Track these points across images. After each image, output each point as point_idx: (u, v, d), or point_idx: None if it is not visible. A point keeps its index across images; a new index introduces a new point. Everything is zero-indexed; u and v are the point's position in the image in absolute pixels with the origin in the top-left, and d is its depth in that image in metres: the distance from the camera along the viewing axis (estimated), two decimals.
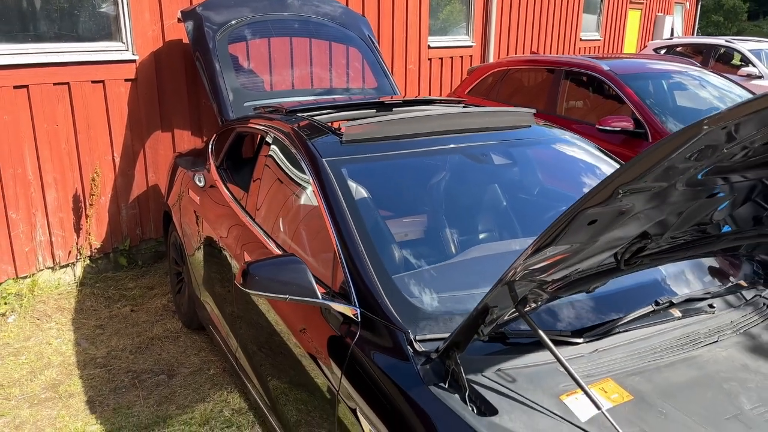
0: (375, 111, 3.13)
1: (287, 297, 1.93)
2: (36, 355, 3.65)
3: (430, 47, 7.24)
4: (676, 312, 1.94)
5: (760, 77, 9.18)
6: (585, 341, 1.79)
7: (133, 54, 4.61)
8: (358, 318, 1.91)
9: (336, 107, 3.23)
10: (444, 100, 3.39)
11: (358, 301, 1.94)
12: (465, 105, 3.29)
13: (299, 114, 3.06)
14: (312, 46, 4.84)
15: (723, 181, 1.39)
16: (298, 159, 2.58)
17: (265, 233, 2.69)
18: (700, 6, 17.71)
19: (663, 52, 10.41)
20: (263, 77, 4.60)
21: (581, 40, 10.87)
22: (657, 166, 1.09)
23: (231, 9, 4.53)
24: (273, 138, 2.92)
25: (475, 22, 8.01)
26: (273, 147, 2.90)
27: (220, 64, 4.31)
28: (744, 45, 9.58)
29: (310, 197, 2.42)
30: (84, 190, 4.54)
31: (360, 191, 2.33)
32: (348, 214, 2.18)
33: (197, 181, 3.65)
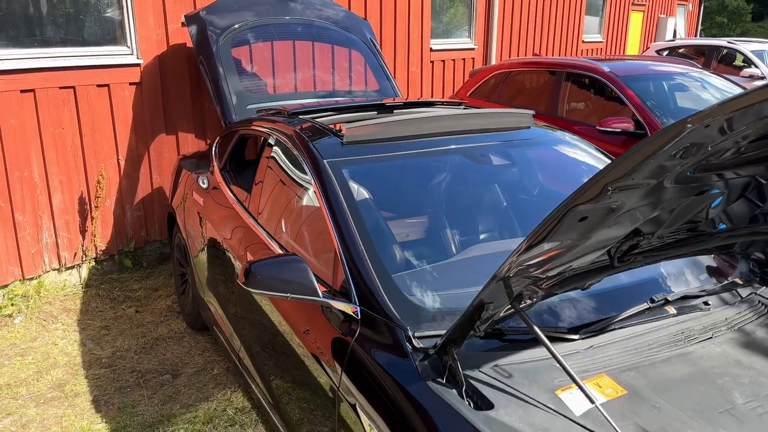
0: (376, 113, 3.16)
1: (289, 295, 1.96)
2: (42, 356, 3.70)
3: (432, 50, 7.28)
4: (671, 309, 1.97)
5: (762, 78, 9.18)
6: (581, 338, 1.82)
7: (138, 58, 4.67)
8: (358, 315, 1.94)
9: (338, 109, 3.26)
10: (444, 102, 3.42)
11: (358, 299, 1.97)
12: (465, 107, 3.33)
13: (301, 116, 3.09)
14: (315, 49, 4.88)
15: (713, 179, 1.42)
16: (299, 160, 2.62)
17: (268, 234, 2.73)
18: (703, 7, 17.71)
19: (665, 53, 10.42)
20: (266, 80, 4.64)
21: (583, 42, 10.89)
22: (643, 163, 1.12)
23: (234, 13, 4.57)
24: (275, 140, 2.96)
25: (477, 24, 8.04)
26: (275, 149, 2.94)
27: (223, 67, 4.35)
28: (746, 46, 9.58)
29: (311, 198, 2.45)
30: (89, 192, 4.59)
31: (360, 192, 2.36)
32: (348, 214, 2.21)
33: (201, 183, 3.69)
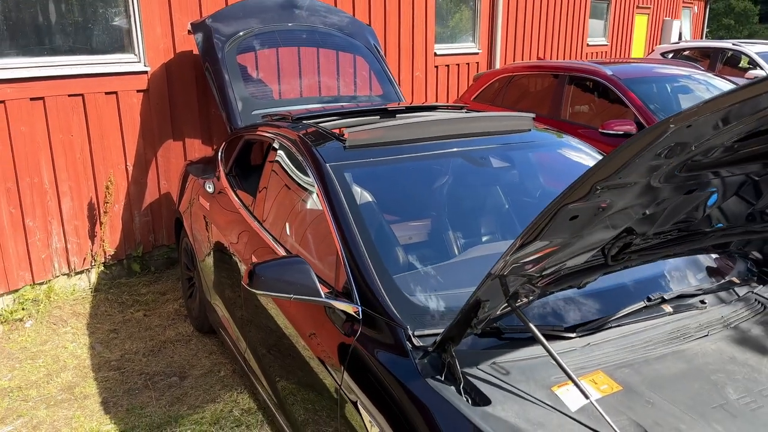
0: (378, 117, 3.21)
1: (292, 296, 2.00)
2: (52, 359, 3.76)
3: (436, 55, 7.33)
4: (667, 308, 2.00)
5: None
6: (578, 336, 1.85)
7: (145, 65, 4.74)
8: (359, 315, 1.98)
9: (341, 114, 3.31)
10: (446, 106, 3.46)
11: (359, 299, 2.01)
12: (467, 110, 3.36)
13: (305, 121, 3.14)
14: (319, 55, 4.94)
15: (702, 177, 1.45)
16: (303, 164, 2.66)
17: (273, 237, 2.78)
18: (709, 9, 17.68)
19: (670, 56, 10.42)
20: (271, 86, 4.70)
21: (588, 45, 10.91)
22: (629, 163, 1.15)
23: (239, 20, 4.64)
24: (280, 144, 3.01)
25: (481, 29, 8.09)
26: (279, 153, 2.99)
27: (228, 74, 4.42)
28: (751, 48, 9.57)
29: (315, 201, 2.50)
30: (98, 198, 4.66)
31: (362, 194, 2.41)
32: (350, 216, 2.26)
33: (207, 188, 3.74)
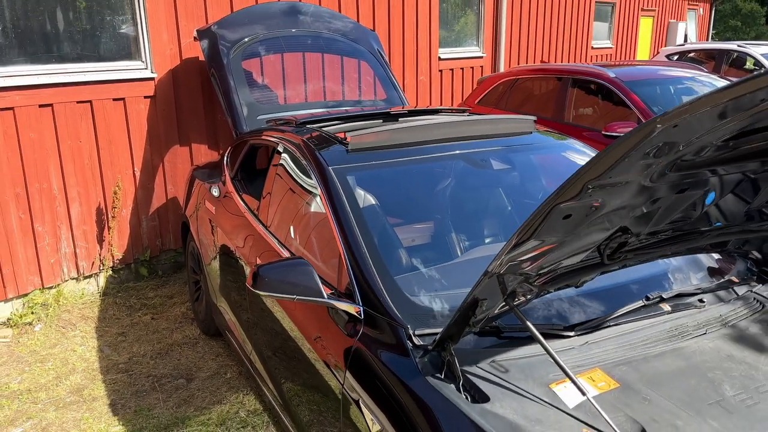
0: (381, 121, 3.24)
1: (295, 297, 2.04)
2: (61, 362, 3.81)
3: (440, 59, 7.36)
4: (665, 306, 2.02)
5: None
6: (576, 334, 1.88)
7: (152, 72, 4.80)
8: (361, 315, 2.02)
9: (344, 118, 3.34)
10: (449, 109, 3.49)
11: (361, 300, 2.05)
12: (469, 114, 3.39)
13: (309, 125, 3.18)
14: (324, 60, 4.99)
15: (695, 176, 1.47)
16: (306, 168, 2.70)
17: (277, 240, 2.81)
18: (715, 11, 17.64)
19: (675, 58, 10.41)
20: (277, 91, 4.75)
21: (593, 48, 10.93)
22: (618, 163, 1.18)
23: (244, 27, 4.69)
24: (284, 149, 3.05)
25: (485, 32, 8.12)
26: (284, 157, 3.03)
27: (234, 79, 4.47)
28: (756, 49, 9.55)
29: (318, 204, 2.53)
30: (106, 203, 4.72)
31: (364, 197, 2.44)
32: (352, 218, 2.29)
33: (213, 192, 3.79)
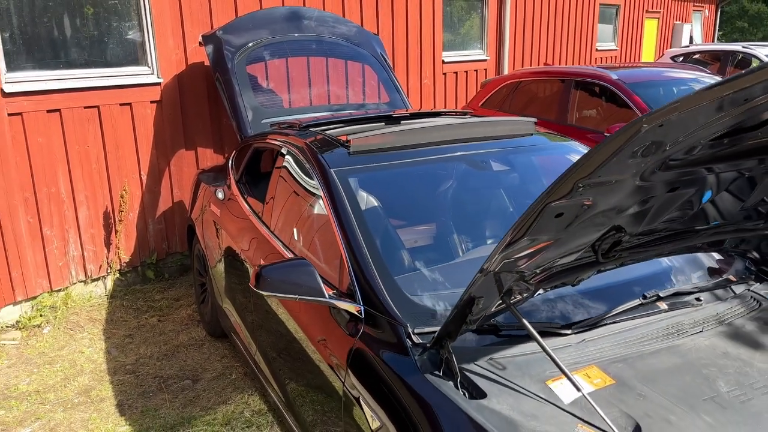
0: (384, 124, 3.28)
1: (297, 297, 2.08)
2: (69, 363, 3.86)
3: (444, 62, 7.40)
4: (662, 305, 2.04)
5: None
6: (573, 332, 1.90)
7: (158, 77, 4.86)
8: (361, 314, 2.05)
9: (347, 121, 3.38)
10: (451, 111, 3.53)
11: (362, 299, 2.08)
12: (471, 116, 3.42)
13: (312, 129, 3.22)
14: (328, 64, 5.04)
15: (686, 175, 1.50)
16: (309, 170, 2.74)
17: (281, 242, 2.85)
18: (720, 13, 17.60)
19: (680, 59, 10.41)
20: (281, 95, 4.80)
21: (597, 50, 10.93)
22: (607, 162, 1.21)
23: (249, 32, 4.74)
24: (287, 151, 3.09)
25: (489, 36, 8.15)
26: (287, 159, 3.07)
27: (238, 84, 4.52)
28: (762, 50, 9.55)
29: (321, 206, 2.57)
30: (113, 207, 4.77)
31: (366, 198, 2.48)
32: (353, 219, 2.33)
33: (218, 195, 3.84)
